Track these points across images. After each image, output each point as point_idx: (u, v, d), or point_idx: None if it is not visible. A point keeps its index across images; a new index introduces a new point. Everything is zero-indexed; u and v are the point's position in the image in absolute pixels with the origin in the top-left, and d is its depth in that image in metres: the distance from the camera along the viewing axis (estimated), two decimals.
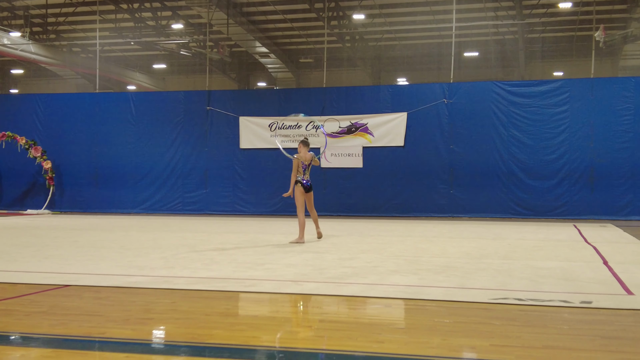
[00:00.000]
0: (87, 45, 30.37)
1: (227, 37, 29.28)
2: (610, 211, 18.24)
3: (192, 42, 29.59)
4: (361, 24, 28.16)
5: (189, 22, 29.16)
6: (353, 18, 26.46)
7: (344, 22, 27.48)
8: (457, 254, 9.57)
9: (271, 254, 9.56)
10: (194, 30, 29.47)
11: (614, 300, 5.92)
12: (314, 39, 30.69)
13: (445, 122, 19.28)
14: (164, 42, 28.77)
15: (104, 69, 28.07)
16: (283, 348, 4.38)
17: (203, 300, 5.98)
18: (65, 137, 21.82)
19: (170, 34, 28.73)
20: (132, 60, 34.99)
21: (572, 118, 18.59)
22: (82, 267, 7.98)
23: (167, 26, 28.18)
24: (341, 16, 26.87)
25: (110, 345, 4.45)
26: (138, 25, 28.04)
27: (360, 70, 32.80)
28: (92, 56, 27.05)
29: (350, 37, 29.88)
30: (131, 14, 27.45)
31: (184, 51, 29.65)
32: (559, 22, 27.48)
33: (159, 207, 21.26)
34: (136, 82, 35.39)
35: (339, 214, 20.10)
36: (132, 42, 28.90)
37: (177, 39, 28.78)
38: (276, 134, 20.44)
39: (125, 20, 28.53)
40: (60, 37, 31.18)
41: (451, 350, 4.29)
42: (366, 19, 27.31)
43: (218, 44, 29.10)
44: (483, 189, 18.97)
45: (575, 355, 4.17)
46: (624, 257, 9.32)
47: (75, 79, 36.16)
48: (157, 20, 27.76)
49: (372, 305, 5.88)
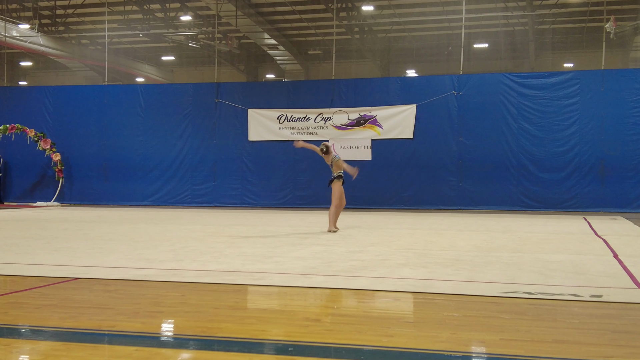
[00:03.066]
0: (96, 37, 30.41)
1: (236, 28, 29.26)
2: (621, 204, 18.17)
3: (201, 34, 29.59)
4: (370, 15, 28.07)
5: (198, 14, 29.15)
6: (362, 9, 26.39)
7: (353, 14, 27.40)
8: (466, 247, 9.55)
9: (280, 246, 9.56)
10: (203, 22, 29.45)
11: (624, 294, 5.89)
12: (323, 30, 30.63)
13: (455, 114, 19.22)
14: (173, 34, 28.78)
15: (112, 61, 28.10)
16: (292, 341, 4.38)
17: (212, 294, 5.98)
18: (75, 130, 21.89)
19: (179, 26, 28.74)
20: (140, 52, 35.03)
21: (582, 110, 18.50)
22: (92, 260, 8.00)
23: (176, 18, 28.19)
24: (350, 8, 26.80)
25: (120, 339, 4.46)
26: (146, 17, 28.07)
27: (369, 62, 32.73)
28: (101, 48, 27.08)
29: (359, 29, 29.80)
30: (140, 6, 27.47)
31: (192, 43, 29.65)
32: (570, 14, 27.32)
33: (167, 200, 21.31)
34: (145, 74, 35.42)
35: (348, 206, 19.98)
36: (140, 34, 28.92)
37: (185, 30, 28.78)
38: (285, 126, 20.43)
39: (134, 12, 28.55)
40: (69, 29, 31.23)
41: (460, 344, 4.28)
42: (375, 10, 27.22)
43: (226, 36, 29.08)
44: (492, 182, 18.93)
45: (585, 349, 4.15)
46: (635, 250, 9.28)
47: (84, 71, 36.24)
48: (165, 12, 27.77)
49: (381, 299, 5.87)
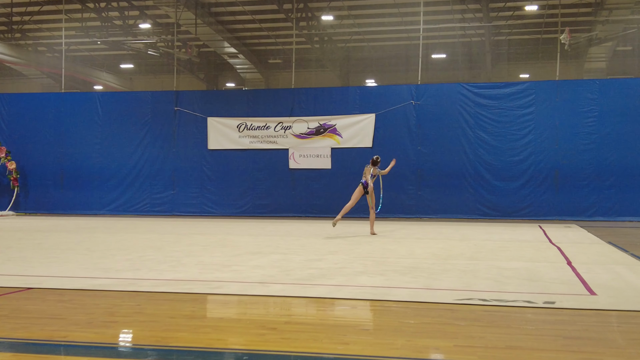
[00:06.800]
0: (53, 45, 29.98)
1: (196, 37, 29.11)
2: (575, 212, 18.51)
3: (160, 41, 29.36)
4: (330, 25, 28.17)
5: (157, 22, 28.93)
6: (322, 19, 26.47)
7: (313, 23, 27.48)
8: (424, 255, 9.62)
9: (239, 255, 9.53)
10: (162, 30, 29.23)
11: (577, 301, 5.99)
12: (283, 39, 30.64)
13: (413, 124, 19.40)
14: (132, 42, 28.51)
15: (70, 68, 27.74)
16: (247, 350, 4.36)
17: (168, 303, 5.93)
18: (31, 138, 21.56)
19: (138, 34, 28.48)
20: (98, 60, 34.62)
21: (537, 120, 18.82)
22: (46, 270, 7.88)
23: (135, 25, 27.92)
24: (310, 17, 26.86)
25: (73, 349, 4.40)
26: (105, 24, 27.75)
27: (329, 72, 32.82)
28: (58, 55, 26.72)
29: (319, 38, 29.88)
30: (98, 13, 27.16)
31: (151, 51, 29.41)
32: (525, 25, 27.76)
33: (126, 209, 21.09)
34: (103, 82, 35.02)
35: (308, 214, 20.11)
36: (98, 42, 28.59)
37: (144, 38, 28.53)
38: (245, 135, 20.40)
39: (92, 20, 28.20)
40: (26, 36, 30.73)
41: (415, 351, 4.31)
42: (335, 20, 27.33)
43: (186, 44, 28.92)
44: (450, 190, 19.14)
45: (538, 355, 4.22)
46: (588, 257, 9.45)
47: (40, 78, 35.68)
48: (124, 19, 27.49)
49: (339, 307, 5.89)
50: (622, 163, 18.38)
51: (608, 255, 9.70)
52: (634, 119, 18.42)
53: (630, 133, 18.42)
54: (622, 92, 18.58)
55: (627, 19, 24.64)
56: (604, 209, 18.45)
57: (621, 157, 18.40)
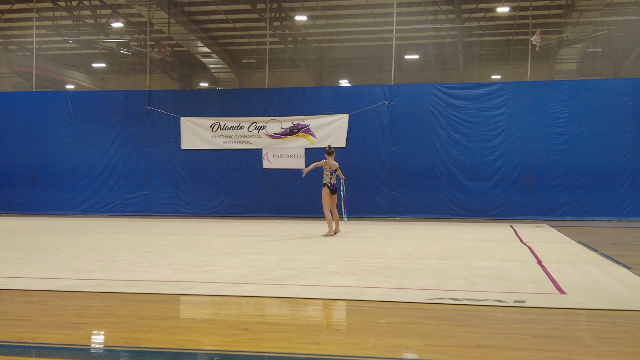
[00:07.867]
0: (24, 43, 29.65)
1: (169, 36, 28.94)
2: (546, 212, 18.70)
3: (133, 41, 29.12)
4: (303, 25, 28.18)
5: (129, 21, 28.72)
6: (295, 19, 26.47)
7: (286, 24, 27.47)
8: (396, 255, 9.67)
9: (211, 255, 9.50)
10: (134, 29, 29.01)
11: (546, 299, 6.06)
12: (257, 39, 30.59)
13: (386, 124, 19.47)
14: (104, 41, 28.26)
15: (41, 67, 27.44)
16: (219, 351, 4.36)
17: (139, 304, 5.90)
18: (1, 137, 21.29)
19: (110, 33, 28.24)
20: (70, 59, 34.28)
21: (509, 120, 18.99)
22: (16, 271, 7.79)
23: (107, 24, 27.69)
24: (283, 17, 26.85)
25: (43, 351, 4.36)
26: (77, 23, 27.47)
27: (303, 72, 32.82)
28: (29, 54, 26.43)
29: (293, 39, 29.88)
30: (70, 12, 26.89)
31: (124, 50, 29.16)
32: (497, 26, 28.00)
33: (98, 209, 20.92)
34: (75, 81, 34.68)
35: (281, 215, 20.09)
36: (70, 41, 28.29)
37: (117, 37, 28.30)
38: (218, 135, 20.34)
39: (64, 18, 27.90)
40: None
41: (386, 351, 4.34)
42: (308, 20, 27.34)
43: (159, 43, 28.73)
44: (423, 190, 19.24)
45: (507, 354, 4.26)
46: (558, 256, 9.55)
47: (11, 77, 35.26)
48: (96, 18, 27.25)
49: (311, 307, 5.90)
50: (592, 163, 18.61)
51: (578, 255, 9.82)
52: (604, 120, 18.65)
53: (600, 134, 18.65)
54: (593, 93, 18.80)
55: (598, 21, 24.97)
56: (574, 208, 18.67)
57: (591, 157, 18.63)
